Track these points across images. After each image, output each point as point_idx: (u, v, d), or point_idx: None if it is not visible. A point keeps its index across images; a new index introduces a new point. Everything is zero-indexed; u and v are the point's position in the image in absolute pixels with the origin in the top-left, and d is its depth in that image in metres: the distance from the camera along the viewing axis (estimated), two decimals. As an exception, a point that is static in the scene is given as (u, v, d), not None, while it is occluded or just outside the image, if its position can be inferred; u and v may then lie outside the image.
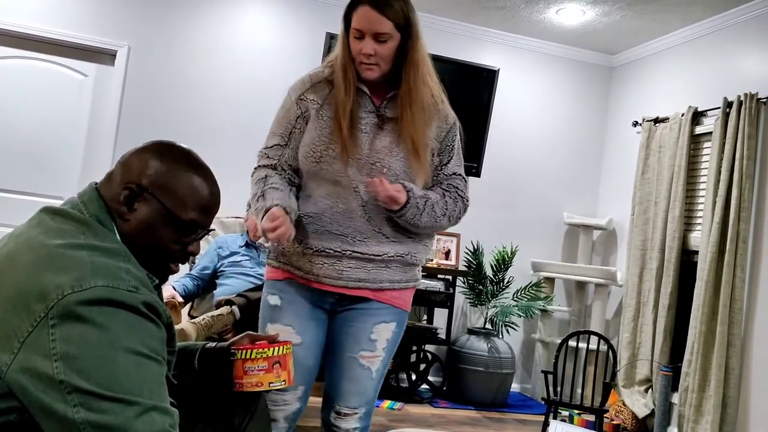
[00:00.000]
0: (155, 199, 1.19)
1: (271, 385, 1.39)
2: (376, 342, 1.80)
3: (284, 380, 1.41)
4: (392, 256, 1.79)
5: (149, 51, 4.23)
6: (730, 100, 3.84)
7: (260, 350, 1.39)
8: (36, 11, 4.02)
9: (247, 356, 1.40)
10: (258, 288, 3.08)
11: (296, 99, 1.83)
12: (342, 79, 1.77)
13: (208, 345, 1.49)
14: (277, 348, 1.40)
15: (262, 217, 1.67)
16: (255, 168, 1.86)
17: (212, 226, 3.68)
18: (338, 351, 1.82)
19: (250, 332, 1.51)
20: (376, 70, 1.76)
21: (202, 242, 3.63)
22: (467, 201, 1.91)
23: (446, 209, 1.84)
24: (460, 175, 1.92)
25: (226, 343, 1.48)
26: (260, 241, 3.45)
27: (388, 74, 1.79)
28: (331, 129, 1.76)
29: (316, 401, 1.91)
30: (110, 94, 4.18)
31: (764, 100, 3.71)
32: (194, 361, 1.45)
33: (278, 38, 4.46)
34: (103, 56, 4.20)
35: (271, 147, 1.84)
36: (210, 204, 1.25)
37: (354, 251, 1.76)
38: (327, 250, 1.75)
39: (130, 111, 4.19)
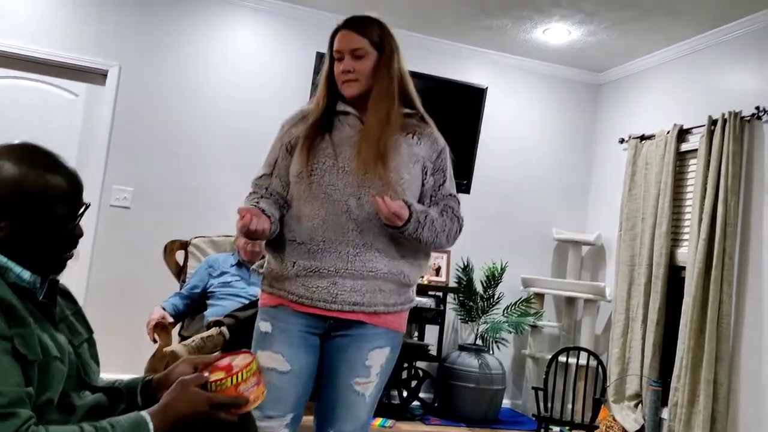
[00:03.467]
0: (19, 214, 1.22)
1: (264, 394, 1.40)
2: (371, 368, 1.81)
3: (266, 384, 1.42)
4: (385, 274, 1.80)
5: (140, 70, 4.25)
6: (714, 118, 3.90)
7: (247, 368, 1.39)
8: (26, 31, 4.04)
9: (240, 379, 1.39)
10: (248, 306, 3.08)
11: (285, 131, 1.92)
12: (315, 106, 1.88)
13: (148, 378, 1.45)
14: (252, 359, 1.41)
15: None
16: (247, 195, 1.92)
17: (201, 245, 3.70)
18: (332, 377, 1.82)
19: (186, 358, 1.45)
20: (355, 85, 1.83)
21: (193, 261, 3.65)
22: (462, 221, 1.94)
23: (445, 227, 1.87)
24: (454, 196, 1.95)
25: (162, 373, 1.44)
26: (254, 267, 3.46)
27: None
28: (321, 146, 1.82)
29: (307, 419, 1.91)
30: (101, 114, 4.19)
31: (748, 118, 3.77)
32: (137, 397, 1.41)
33: (268, 57, 4.50)
34: (94, 76, 4.21)
35: (260, 177, 1.92)
36: (73, 191, 1.29)
37: (347, 269, 1.76)
38: (321, 270, 1.76)
39: (121, 130, 4.20)
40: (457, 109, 4.64)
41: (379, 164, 1.77)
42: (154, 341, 3.16)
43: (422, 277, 4.54)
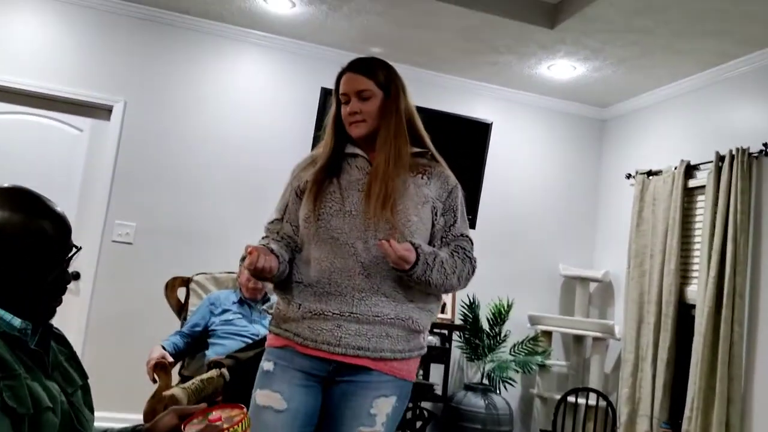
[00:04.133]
0: (5, 260, 1.19)
1: None
2: (376, 417, 1.75)
3: None
4: (392, 319, 1.76)
5: (145, 106, 4.26)
6: (722, 154, 3.87)
7: (246, 420, 1.34)
8: (32, 68, 4.06)
9: (242, 430, 1.34)
10: (249, 347, 3.02)
11: (295, 176, 1.94)
12: (323, 149, 1.89)
13: (138, 428, 1.41)
14: (243, 417, 1.35)
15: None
16: (259, 240, 1.92)
17: (203, 281, 3.66)
18: (336, 425, 1.77)
19: (173, 409, 1.41)
20: (363, 126, 1.84)
21: (194, 298, 3.60)
22: (475, 262, 1.89)
23: (455, 268, 1.82)
24: (467, 236, 1.91)
25: (149, 424, 1.40)
26: (264, 306, 3.41)
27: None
28: (329, 190, 1.82)
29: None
30: (105, 149, 4.19)
31: (756, 154, 3.74)
32: None
33: (273, 93, 4.50)
34: (99, 111, 4.22)
35: (272, 222, 1.94)
36: (60, 236, 1.25)
37: (352, 313, 1.73)
38: (326, 313, 1.74)
39: (125, 165, 4.19)
40: (463, 144, 4.63)
41: (386, 207, 1.75)
42: (154, 381, 3.09)
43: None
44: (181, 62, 4.35)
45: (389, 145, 1.80)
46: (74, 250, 1.29)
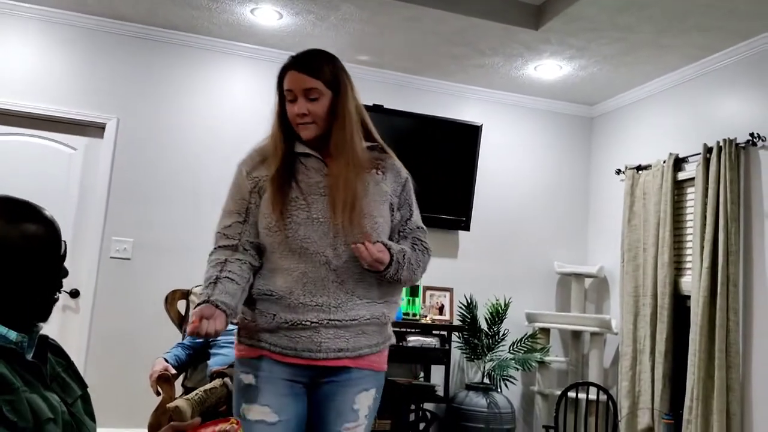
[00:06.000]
0: (2, 267, 1.21)
1: None
2: (359, 411, 1.78)
3: None
4: (368, 320, 1.78)
5: (138, 122, 4.28)
6: (710, 146, 3.93)
7: (240, 430, 1.36)
8: (23, 88, 4.08)
9: None
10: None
11: (246, 174, 1.84)
12: (273, 150, 1.82)
13: None
14: (238, 426, 1.37)
15: (202, 302, 1.69)
16: (214, 249, 1.83)
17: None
18: (321, 425, 1.79)
19: (170, 425, 1.42)
20: (312, 128, 1.78)
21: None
22: (430, 252, 1.93)
23: (419, 261, 1.86)
24: (422, 228, 1.94)
25: None
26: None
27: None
28: (292, 197, 1.76)
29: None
30: (100, 167, 4.21)
31: (743, 145, 3.79)
32: None
33: (266, 106, 4.50)
34: (92, 129, 4.25)
35: (230, 225, 1.81)
36: (51, 236, 1.27)
37: (330, 320, 1.73)
38: (303, 323, 1.72)
39: (120, 182, 4.22)
40: (454, 148, 4.68)
41: (354, 214, 1.73)
42: (158, 393, 3.11)
43: (425, 316, 4.50)
44: (172, 77, 4.38)
45: (346, 149, 1.76)
46: (64, 246, 1.30)
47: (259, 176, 1.81)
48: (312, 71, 1.77)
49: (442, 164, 4.65)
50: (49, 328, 1.34)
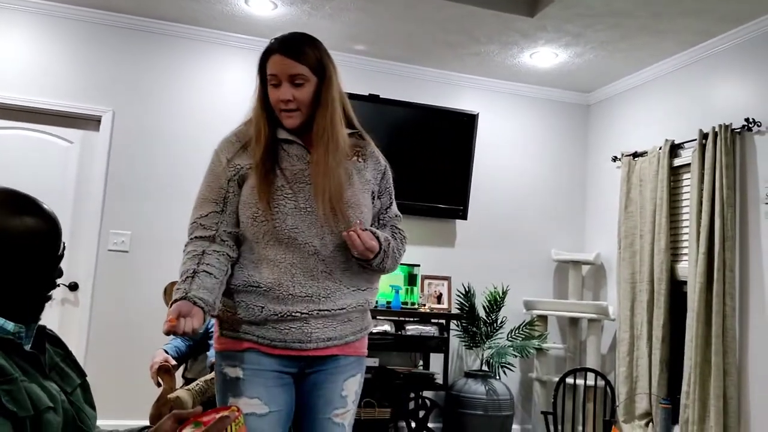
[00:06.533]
0: (1, 260, 1.20)
1: None
2: (347, 397, 1.80)
3: None
4: (354, 307, 1.78)
5: (133, 115, 4.28)
6: (705, 132, 3.93)
7: (238, 421, 1.36)
8: (18, 82, 4.07)
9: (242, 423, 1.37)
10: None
11: (227, 162, 1.77)
12: (256, 136, 1.75)
13: (143, 429, 1.41)
14: (239, 413, 1.38)
15: (179, 298, 1.62)
16: (190, 239, 1.75)
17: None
18: (310, 413, 1.79)
19: (173, 414, 1.38)
20: (296, 116, 1.73)
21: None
22: (406, 240, 1.94)
23: (399, 250, 1.87)
24: (399, 216, 1.95)
25: (151, 429, 1.39)
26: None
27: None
28: (278, 185, 1.71)
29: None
30: (96, 159, 4.21)
31: (738, 130, 3.80)
32: None
33: (260, 95, 4.52)
34: (88, 122, 4.24)
35: (207, 215, 1.75)
36: (52, 231, 1.27)
37: (320, 310, 1.72)
38: (293, 314, 1.70)
39: (116, 175, 4.22)
40: (451, 136, 4.68)
41: (339, 203, 1.71)
42: (158, 385, 3.12)
43: (424, 305, 4.52)
44: (167, 69, 4.37)
45: (327, 135, 1.71)
46: (63, 247, 1.30)
47: (241, 164, 1.75)
48: (298, 56, 1.71)
49: (438, 153, 4.65)
50: (48, 321, 1.34)
